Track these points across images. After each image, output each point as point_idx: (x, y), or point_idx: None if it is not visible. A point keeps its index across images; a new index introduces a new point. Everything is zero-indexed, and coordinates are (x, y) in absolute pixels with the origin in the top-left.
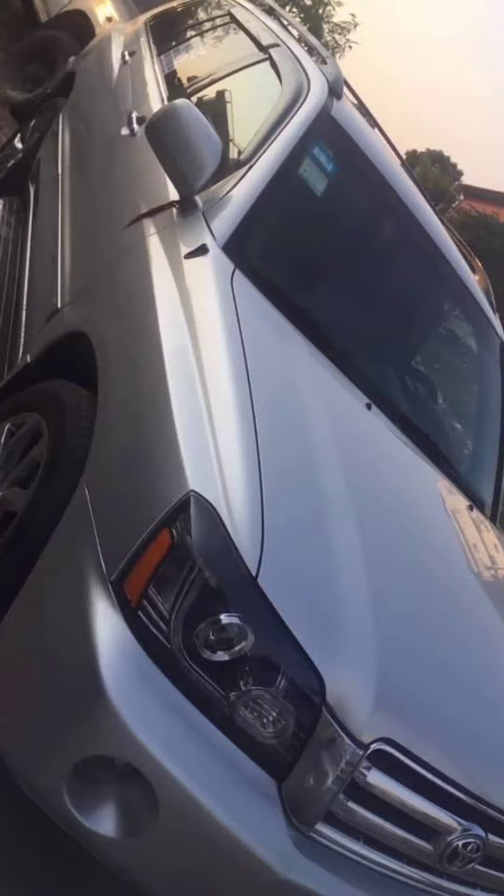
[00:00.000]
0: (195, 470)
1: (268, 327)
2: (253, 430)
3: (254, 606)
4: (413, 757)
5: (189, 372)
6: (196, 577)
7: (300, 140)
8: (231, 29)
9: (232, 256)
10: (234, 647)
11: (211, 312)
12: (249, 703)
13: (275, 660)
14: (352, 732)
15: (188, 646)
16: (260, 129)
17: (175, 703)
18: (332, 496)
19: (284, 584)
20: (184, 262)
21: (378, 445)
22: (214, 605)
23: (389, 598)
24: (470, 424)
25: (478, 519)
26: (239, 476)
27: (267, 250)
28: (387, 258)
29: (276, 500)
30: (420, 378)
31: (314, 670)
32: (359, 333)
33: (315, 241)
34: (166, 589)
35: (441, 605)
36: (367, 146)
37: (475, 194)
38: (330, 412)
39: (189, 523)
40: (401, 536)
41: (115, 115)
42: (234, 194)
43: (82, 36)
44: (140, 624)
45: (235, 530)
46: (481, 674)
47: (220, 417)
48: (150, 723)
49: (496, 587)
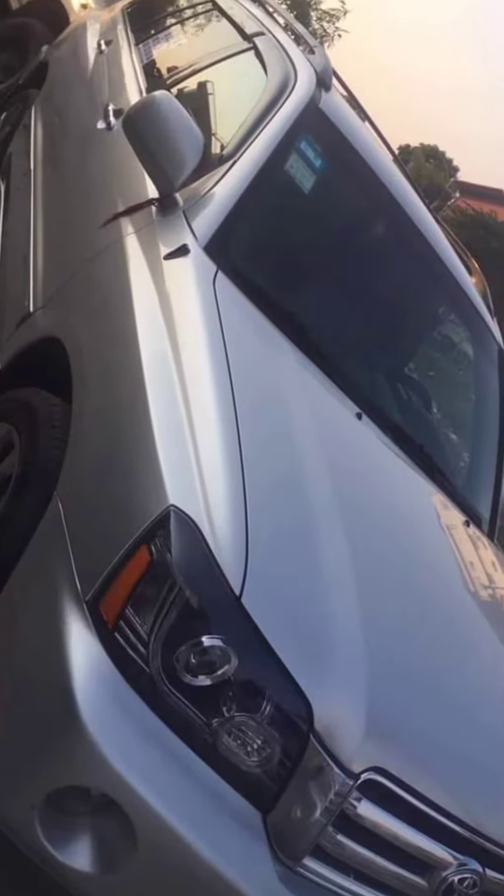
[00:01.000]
0: (175, 483)
1: (252, 332)
2: (236, 441)
3: (237, 628)
4: (405, 787)
5: (169, 379)
6: (176, 596)
7: (286, 134)
8: (213, 16)
9: (214, 257)
10: (217, 671)
11: (192, 316)
12: (233, 730)
13: (259, 684)
14: (341, 761)
15: (168, 669)
16: (244, 122)
17: (154, 731)
18: (320, 511)
19: (270, 603)
20: (163, 264)
21: (369, 457)
22: (196, 626)
23: (380, 619)
24: (466, 435)
25: (475, 535)
26: (221, 489)
27: (251, 251)
28: (378, 259)
29: (261, 515)
30: (413, 386)
31: (301, 695)
32: (349, 339)
33: (302, 242)
34: (145, 609)
35: (435, 626)
36: (357, 140)
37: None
38: (318, 422)
39: (169, 539)
40: (393, 553)
41: (90, 107)
42: (216, 191)
43: (56, 24)
44: (117, 646)
45: (218, 547)
46: (477, 698)
47: (201, 427)
48: (127, 751)
49: (493, 607)
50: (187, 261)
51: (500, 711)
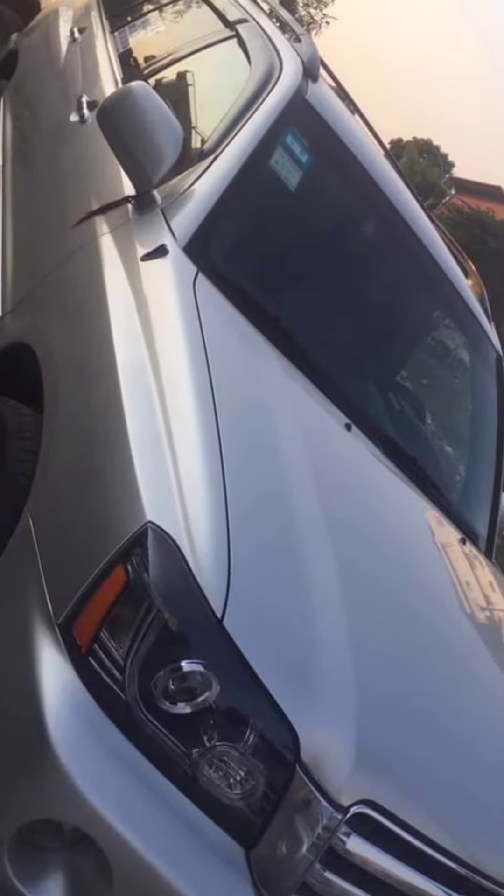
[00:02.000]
0: (153, 498)
1: (235, 338)
2: (218, 453)
3: (219, 652)
4: (398, 821)
5: (146, 387)
6: (154, 618)
7: (271, 127)
8: (193, 2)
9: (194, 258)
10: (197, 698)
11: (171, 321)
12: (214, 761)
13: (243, 712)
14: (329, 794)
15: (145, 696)
16: (226, 115)
17: (130, 761)
18: (307, 528)
19: (254, 626)
20: (140, 265)
21: (359, 471)
22: (175, 650)
23: (371, 642)
24: (462, 447)
25: (471, 553)
26: (202, 505)
27: (234, 251)
28: (368, 261)
29: (245, 532)
30: (406, 395)
31: (287, 724)
32: (337, 345)
33: (288, 242)
34: (120, 632)
35: (429, 650)
36: (346, 134)
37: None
38: (304, 433)
39: (146, 558)
40: (384, 573)
41: (62, 99)
42: (196, 188)
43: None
44: (91, 671)
45: (198, 566)
46: (474, 726)
47: (180, 439)
48: (102, 783)
49: (490, 631)
50: (166, 262)
51: (499, 741)
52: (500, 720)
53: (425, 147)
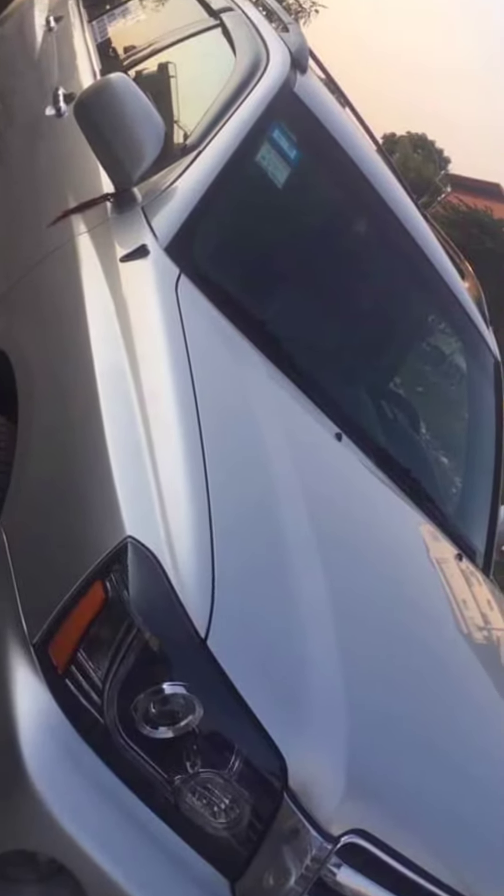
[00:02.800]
0: (133, 511)
1: (219, 343)
2: (201, 464)
3: (202, 674)
4: (390, 851)
5: (126, 395)
6: (134, 638)
7: (257, 121)
8: None
9: (177, 259)
10: (180, 722)
11: (152, 325)
12: (197, 788)
13: (227, 737)
14: (319, 823)
15: (125, 720)
16: (210, 108)
17: (109, 788)
18: (295, 543)
19: (239, 646)
20: (119, 266)
21: (349, 483)
22: (156, 672)
23: (363, 664)
24: (459, 458)
25: (468, 570)
26: (185, 519)
27: (218, 252)
28: (360, 262)
29: (230, 548)
30: (400, 403)
31: (274, 749)
32: (327, 351)
33: (275, 242)
34: (99, 653)
35: (423, 672)
36: (336, 128)
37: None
38: (292, 443)
39: (125, 575)
40: (376, 590)
41: (38, 91)
42: (179, 186)
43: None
44: (68, 694)
45: (181, 583)
46: (471, 752)
47: (162, 449)
48: (79, 811)
49: (488, 651)
50: (146, 263)
51: (496, 767)
52: (498, 745)
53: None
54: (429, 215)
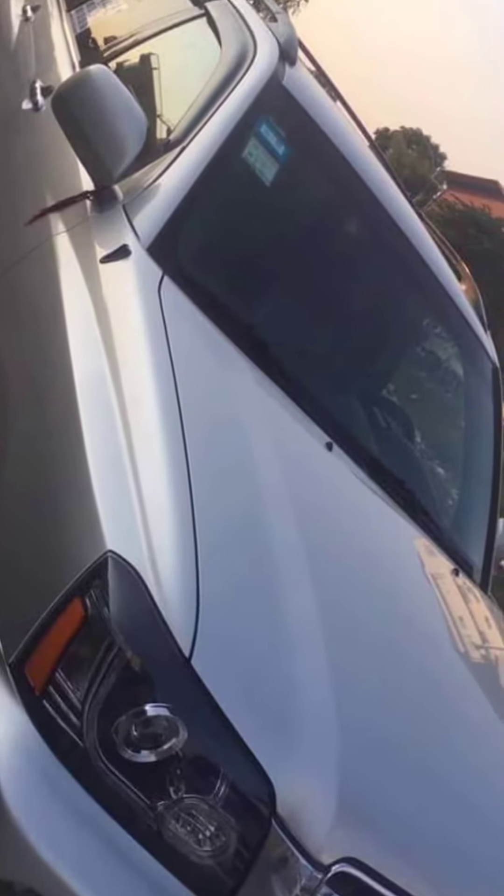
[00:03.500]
0: (113, 524)
1: (204, 348)
2: (185, 475)
3: (187, 695)
4: (383, 881)
5: (106, 403)
6: (115, 658)
7: (244, 116)
8: None
9: (159, 260)
10: (163, 746)
11: (133, 329)
12: (181, 815)
13: (213, 761)
14: (308, 851)
15: (105, 743)
16: (194, 102)
17: (89, 815)
18: (284, 558)
19: (225, 666)
20: (100, 267)
21: (341, 495)
22: (138, 693)
23: (355, 684)
24: (455, 468)
25: (465, 586)
26: (168, 532)
27: (203, 253)
28: (352, 263)
29: (215, 562)
30: (393, 411)
31: (262, 774)
32: (317, 356)
33: (263, 242)
34: (78, 673)
35: (418, 692)
36: (327, 123)
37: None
38: (281, 453)
39: (106, 591)
40: (369, 607)
41: (14, 84)
42: (162, 183)
43: None
44: (45, 716)
45: (164, 600)
46: (467, 777)
47: (144, 459)
48: (57, 838)
49: (486, 671)
50: (128, 264)
51: (495, 793)
52: (497, 770)
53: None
54: (424, 214)
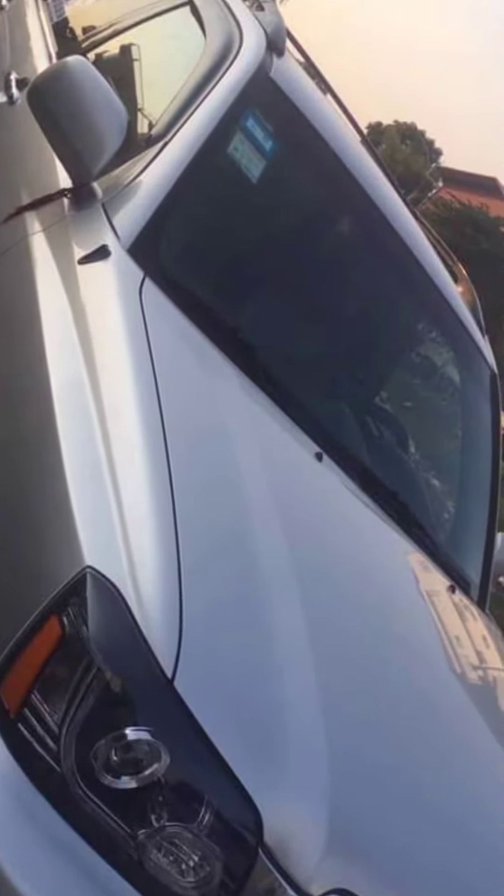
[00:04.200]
0: (92, 539)
1: (187, 353)
2: (168, 487)
3: (169, 718)
4: None
5: (84, 411)
6: (94, 679)
7: (230, 109)
8: None
9: (140, 261)
10: (144, 771)
11: (113, 333)
12: (163, 844)
13: (197, 787)
14: (297, 882)
15: (83, 769)
16: (177, 95)
17: (66, 843)
18: (271, 573)
19: (209, 688)
20: (78, 269)
21: (331, 508)
22: (118, 716)
23: (346, 707)
24: (451, 480)
25: (461, 603)
26: (149, 547)
27: (186, 253)
28: (342, 264)
29: (199, 578)
30: (386, 420)
31: (248, 801)
32: (306, 362)
33: (249, 242)
34: (55, 694)
35: (413, 716)
36: (316, 117)
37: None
38: (268, 464)
39: (84, 609)
40: (361, 626)
41: None
42: (143, 180)
43: None
44: (21, 739)
45: (145, 618)
46: (465, 804)
47: (124, 470)
48: (33, 868)
49: (484, 692)
50: (107, 265)
51: (495, 822)
52: (495, 797)
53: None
54: (418, 213)
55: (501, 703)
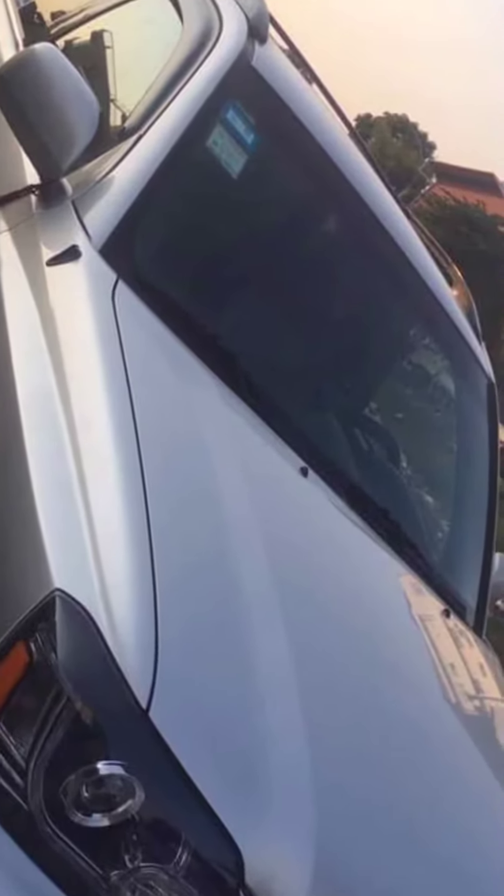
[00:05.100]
0: (62, 560)
1: (163, 360)
2: (142, 504)
3: (144, 751)
4: None
5: (53, 422)
6: (63, 709)
7: (208, 100)
8: None
9: (113, 262)
10: (117, 808)
11: (84, 339)
12: (138, 886)
13: (173, 825)
14: None
15: (52, 806)
16: (153, 84)
17: (33, 885)
18: (253, 597)
19: (187, 719)
20: (46, 271)
21: (317, 526)
22: (89, 749)
23: (332, 738)
24: (446, 497)
25: (456, 629)
26: (122, 568)
27: (162, 254)
28: (329, 266)
29: (176, 602)
30: (376, 433)
31: (228, 840)
32: (291, 370)
33: (229, 242)
34: (22, 726)
35: (404, 748)
36: (301, 108)
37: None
38: (250, 480)
39: (53, 634)
40: (348, 653)
41: None
42: (116, 176)
43: None
44: None
45: (118, 644)
46: (458, 842)
47: (96, 486)
48: None
49: (480, 724)
50: (78, 267)
51: (491, 862)
52: (492, 835)
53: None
54: (411, 211)
55: (499, 734)
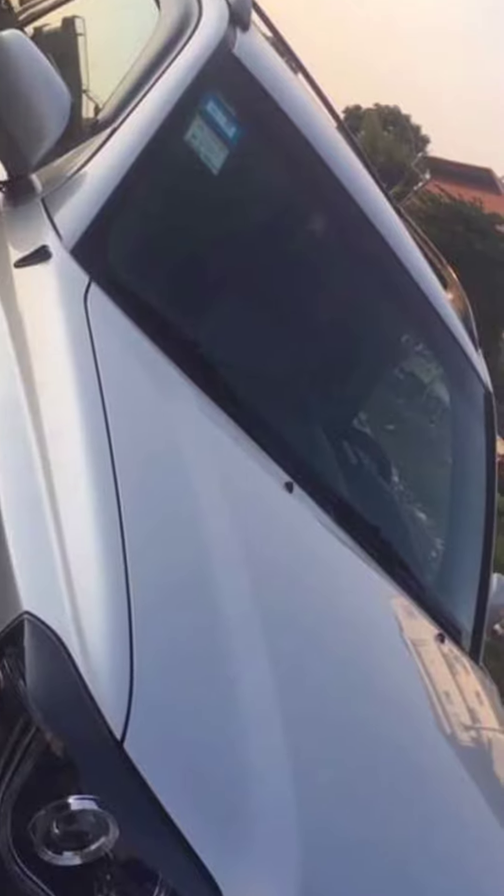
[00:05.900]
0: (31, 581)
1: (139, 368)
2: (117, 522)
3: (118, 785)
4: None
5: (21, 434)
6: (32, 740)
7: (187, 91)
8: None
9: (86, 264)
10: (90, 846)
11: (54, 346)
12: None
13: (149, 864)
14: None
15: (21, 843)
16: (128, 74)
17: None
18: (235, 620)
19: (164, 751)
20: (14, 272)
21: (302, 545)
22: (60, 782)
23: (318, 772)
24: (440, 513)
25: (451, 654)
26: (95, 590)
27: (138, 255)
28: (316, 268)
29: (152, 626)
30: (366, 445)
31: (208, 879)
32: (275, 379)
33: (209, 243)
34: None
35: (394, 782)
36: (285, 99)
37: (447, 171)
38: (231, 496)
39: (22, 661)
40: (335, 681)
41: None
42: (88, 172)
43: None
44: None
45: (91, 671)
46: (452, 883)
47: (67, 502)
48: None
49: (476, 756)
50: (48, 268)
51: None
52: (488, 874)
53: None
54: (403, 209)
55: (496, 767)
